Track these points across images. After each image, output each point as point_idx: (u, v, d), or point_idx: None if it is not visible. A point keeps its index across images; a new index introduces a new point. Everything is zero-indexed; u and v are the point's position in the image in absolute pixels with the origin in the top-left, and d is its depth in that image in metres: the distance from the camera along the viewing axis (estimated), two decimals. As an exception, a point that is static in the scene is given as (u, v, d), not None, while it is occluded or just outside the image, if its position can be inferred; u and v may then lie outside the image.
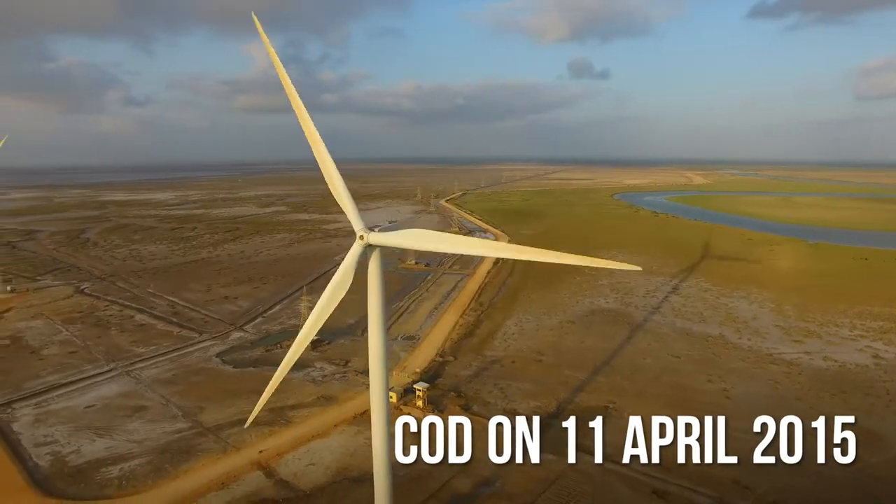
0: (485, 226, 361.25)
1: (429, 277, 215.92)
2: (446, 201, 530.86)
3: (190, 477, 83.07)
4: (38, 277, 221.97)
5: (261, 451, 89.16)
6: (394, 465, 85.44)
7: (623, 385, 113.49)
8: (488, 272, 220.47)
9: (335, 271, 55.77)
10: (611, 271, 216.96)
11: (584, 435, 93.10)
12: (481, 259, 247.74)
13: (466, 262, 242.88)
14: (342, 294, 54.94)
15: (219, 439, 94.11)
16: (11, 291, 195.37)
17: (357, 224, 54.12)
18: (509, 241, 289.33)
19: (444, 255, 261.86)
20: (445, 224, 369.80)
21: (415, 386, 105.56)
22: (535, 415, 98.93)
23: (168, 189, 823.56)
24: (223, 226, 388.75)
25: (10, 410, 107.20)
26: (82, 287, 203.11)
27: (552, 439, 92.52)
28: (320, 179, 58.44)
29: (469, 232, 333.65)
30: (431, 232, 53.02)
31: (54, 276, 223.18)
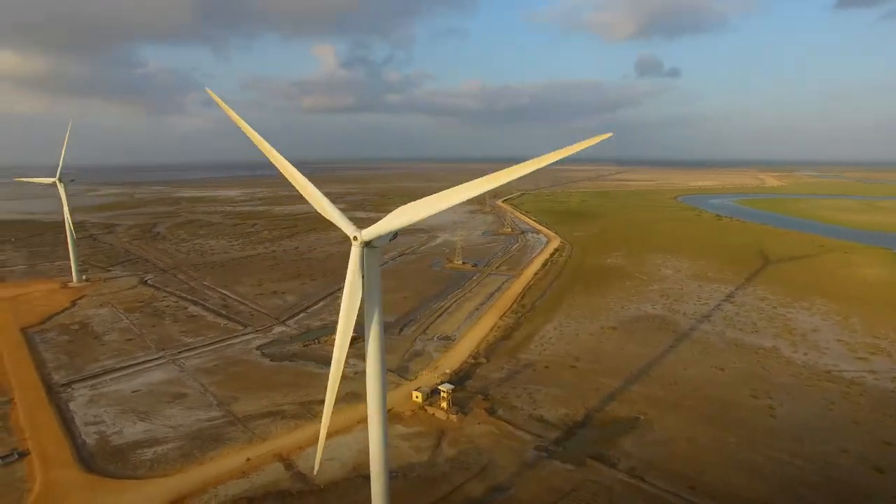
0: (538, 226, 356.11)
1: (474, 278, 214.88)
2: (503, 202, 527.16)
3: (215, 464, 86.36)
4: (110, 268, 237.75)
5: (248, 460, 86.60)
6: (410, 465, 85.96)
7: (658, 396, 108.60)
8: (535, 274, 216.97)
9: (383, 269, 55.65)
10: (661, 278, 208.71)
11: (609, 445, 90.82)
12: (529, 260, 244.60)
13: (514, 263, 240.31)
14: (358, 300, 54.12)
15: (247, 429, 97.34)
16: (86, 280, 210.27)
17: (348, 229, 54.13)
18: (561, 242, 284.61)
19: (493, 255, 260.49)
20: (499, 224, 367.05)
21: (440, 387, 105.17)
22: (563, 422, 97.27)
23: (237, 186, 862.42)
24: (282, 222, 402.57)
25: (69, 390, 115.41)
26: (146, 278, 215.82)
27: (573, 448, 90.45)
28: (380, 178, 59.80)
29: (522, 232, 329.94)
30: (411, 204, 51.23)
31: (124, 268, 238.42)
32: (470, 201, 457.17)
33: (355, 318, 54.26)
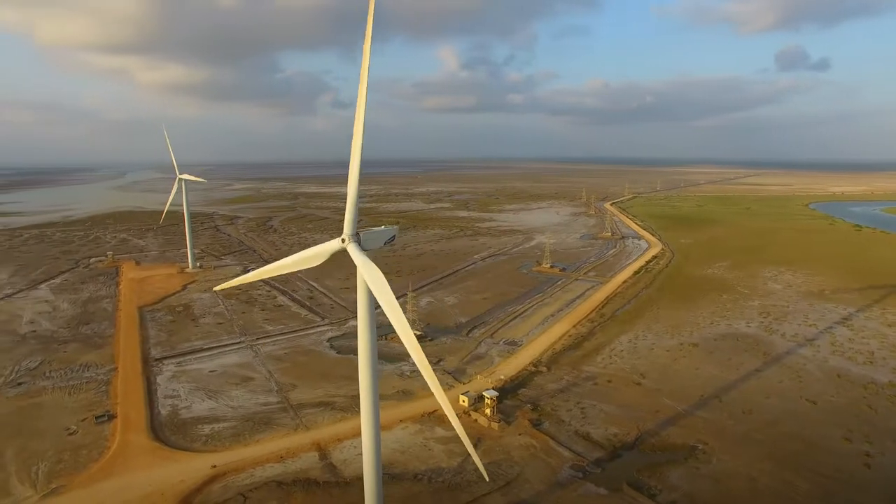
0: (641, 231, 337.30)
1: (559, 282, 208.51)
2: (611, 204, 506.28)
3: (259, 446, 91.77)
4: (223, 257, 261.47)
5: (214, 466, 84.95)
6: (438, 470, 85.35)
7: (726, 425, 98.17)
8: (624, 281, 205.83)
9: (469, 269, 56.10)
10: (767, 293, 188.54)
11: (654, 474, 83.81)
12: (622, 267, 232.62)
13: (605, 269, 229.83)
14: (390, 290, 51.63)
15: (296, 416, 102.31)
16: (199, 267, 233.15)
17: (347, 229, 55.04)
18: (662, 249, 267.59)
19: (585, 260, 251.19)
20: (600, 228, 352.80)
21: (483, 393, 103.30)
22: (610, 442, 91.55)
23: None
24: (386, 219, 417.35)
25: (160, 365, 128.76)
26: (249, 268, 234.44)
27: (613, 472, 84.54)
28: (494, 178, 60.97)
29: (623, 237, 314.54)
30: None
31: (233, 257, 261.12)
32: (577, 203, 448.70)
33: (397, 303, 50.34)
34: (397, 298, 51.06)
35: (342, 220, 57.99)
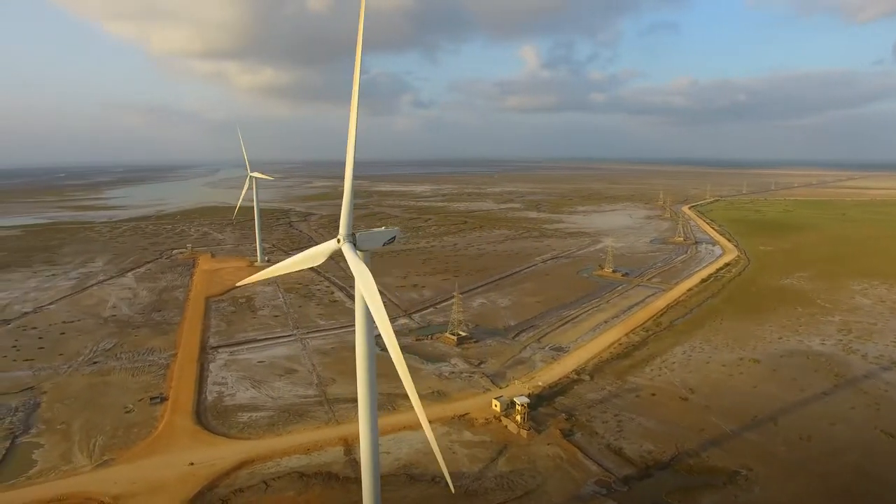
0: (717, 236, 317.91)
1: (619, 288, 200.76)
2: (689, 208, 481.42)
3: (290, 437, 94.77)
4: (291, 252, 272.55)
5: (191, 464, 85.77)
6: (458, 474, 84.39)
7: (778, 451, 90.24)
8: (689, 289, 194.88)
9: (529, 271, 56.26)
10: (852, 308, 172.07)
11: (686, 497, 78.65)
12: (689, 274, 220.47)
13: (670, 276, 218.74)
14: (377, 294, 52.69)
15: (330, 411, 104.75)
16: (267, 261, 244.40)
17: (342, 229, 55.42)
18: (737, 256, 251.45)
19: (651, 265, 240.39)
20: (673, 232, 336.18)
21: (514, 399, 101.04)
22: (643, 459, 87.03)
23: (428, 182, 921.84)
24: (454, 219, 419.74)
25: (215, 353, 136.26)
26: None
27: (641, 491, 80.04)
28: (571, 179, 61.25)
29: (696, 242, 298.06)
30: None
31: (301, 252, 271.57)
32: (653, 206, 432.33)
33: (382, 306, 50.94)
34: (449, 298, 51.10)
35: (411, 219, 58.42)
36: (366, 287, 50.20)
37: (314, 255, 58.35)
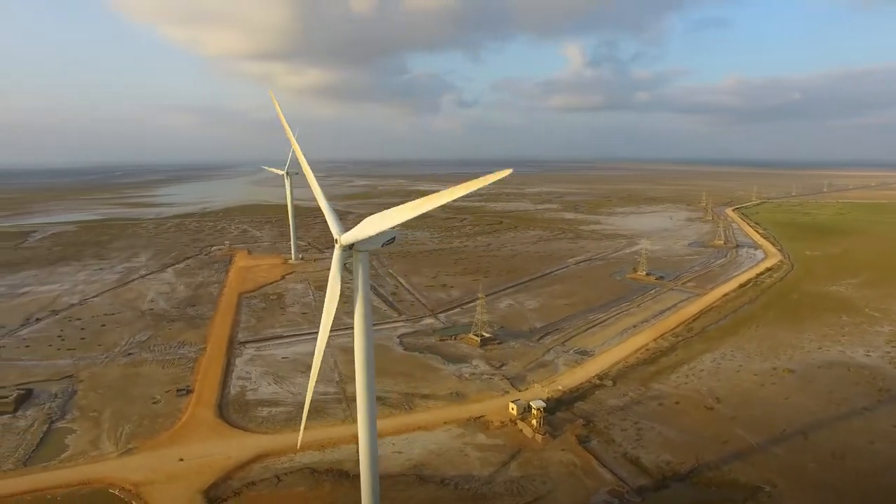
0: (760, 240, 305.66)
1: (652, 291, 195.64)
2: (733, 210, 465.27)
3: (305, 433, 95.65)
4: (325, 250, 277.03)
5: (181, 460, 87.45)
6: (468, 477, 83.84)
7: (807, 468, 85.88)
8: (725, 294, 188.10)
9: (560, 273, 56.51)
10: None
11: (701, 512, 75.67)
12: (726, 278, 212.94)
13: (706, 280, 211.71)
14: (336, 297, 56.47)
15: (347, 409, 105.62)
16: (301, 259, 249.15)
17: (334, 229, 55.71)
18: (779, 261, 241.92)
19: (687, 268, 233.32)
20: (713, 235, 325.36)
21: (531, 403, 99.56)
22: (660, 470, 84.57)
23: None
24: (489, 219, 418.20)
25: (242, 347, 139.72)
26: (347, 263, 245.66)
27: (654, 503, 77.52)
28: (612, 179, 61.81)
29: (737, 246, 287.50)
30: (378, 214, 51.90)
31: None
32: (694, 208, 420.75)
33: (333, 313, 55.75)
34: (475, 300, 51.47)
35: (447, 218, 59.37)
36: (331, 288, 51.59)
37: (334, 277, 57.59)
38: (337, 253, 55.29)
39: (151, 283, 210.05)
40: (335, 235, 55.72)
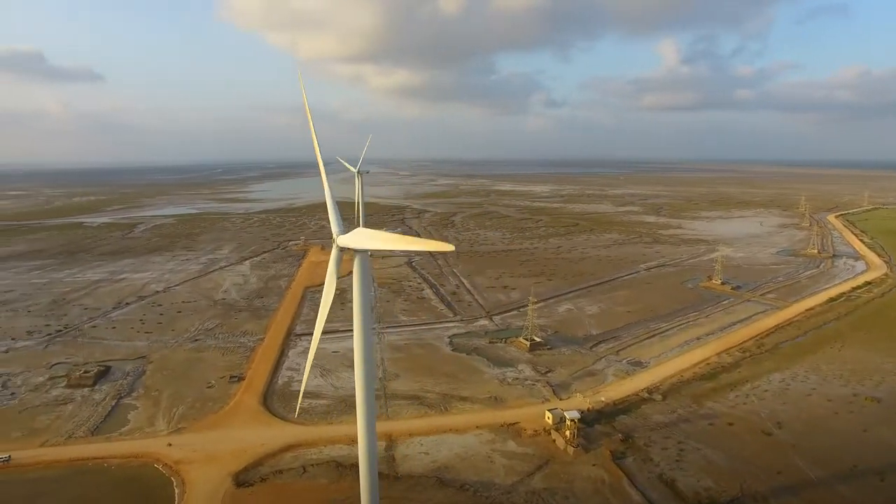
0: (864, 250, 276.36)
1: (725, 302, 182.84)
2: (837, 216, 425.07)
3: (339, 427, 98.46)
4: (393, 249, 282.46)
5: (169, 445, 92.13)
6: (489, 484, 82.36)
7: (871, 507, 76.73)
8: (809, 308, 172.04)
9: (628, 278, 56.99)
10: None
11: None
12: (814, 291, 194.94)
13: (789, 292, 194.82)
14: (331, 295, 57.82)
15: (385, 406, 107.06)
16: (370, 256, 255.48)
17: (334, 229, 56.33)
18: (884, 274, 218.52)
19: (769, 279, 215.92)
20: (807, 243, 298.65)
21: (565, 414, 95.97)
22: (697, 497, 79.22)
23: (551, 182, 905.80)
24: (566, 220, 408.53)
25: (298, 340, 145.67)
26: (412, 260, 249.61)
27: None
28: (702, 182, 61.83)
29: (833, 256, 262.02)
30: (374, 232, 52.98)
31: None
32: (790, 213, 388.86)
33: (327, 311, 56.73)
34: (536, 302, 52.02)
35: (522, 219, 60.73)
36: (327, 285, 52.25)
37: (329, 274, 59.22)
38: (334, 252, 55.88)
39: (228, 274, 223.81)
40: (334, 235, 56.23)
